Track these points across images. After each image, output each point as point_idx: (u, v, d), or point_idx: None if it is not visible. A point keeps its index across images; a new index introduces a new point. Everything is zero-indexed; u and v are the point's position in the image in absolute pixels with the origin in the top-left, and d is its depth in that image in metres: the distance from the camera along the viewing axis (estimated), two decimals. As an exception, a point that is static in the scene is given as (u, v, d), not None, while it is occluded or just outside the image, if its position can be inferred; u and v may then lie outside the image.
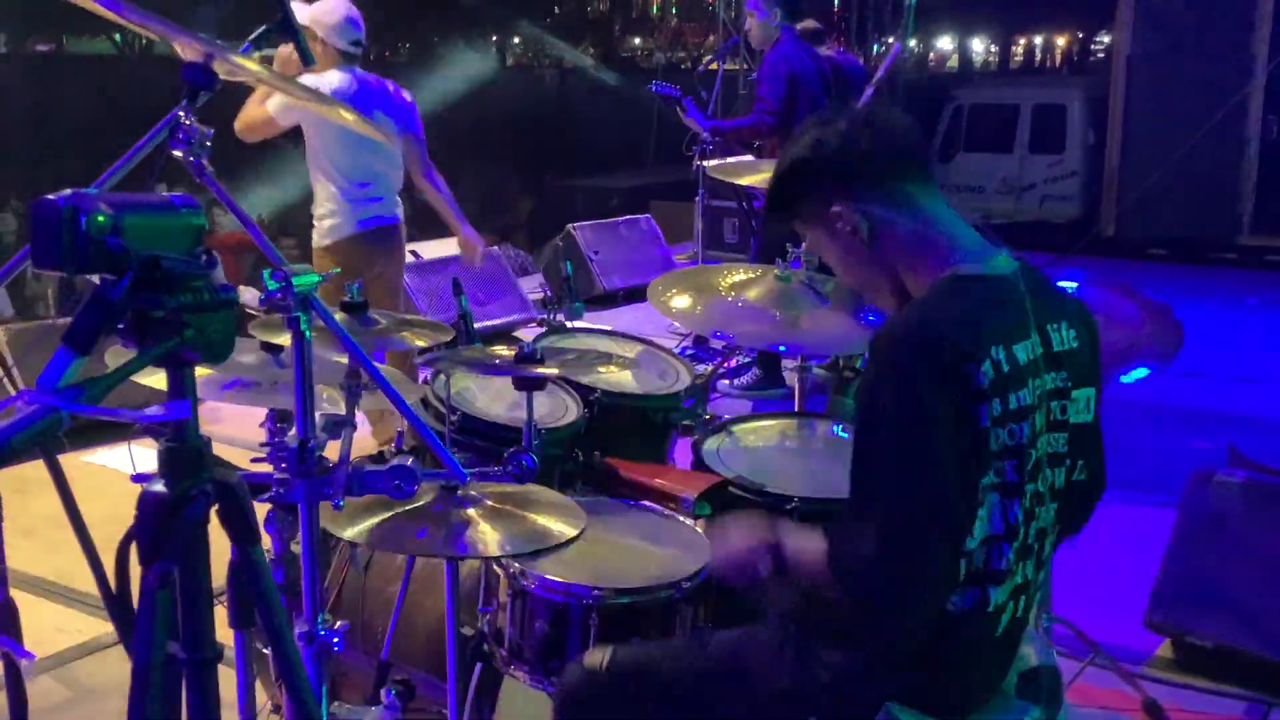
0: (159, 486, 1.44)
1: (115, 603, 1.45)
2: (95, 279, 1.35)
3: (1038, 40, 39.42)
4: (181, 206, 1.44)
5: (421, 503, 2.32)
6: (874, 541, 1.71)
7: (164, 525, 1.42)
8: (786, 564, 1.91)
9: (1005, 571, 1.83)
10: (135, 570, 1.44)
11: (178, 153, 2.11)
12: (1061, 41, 39.08)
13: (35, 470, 1.47)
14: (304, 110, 4.23)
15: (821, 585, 1.84)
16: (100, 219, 1.32)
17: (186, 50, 2.06)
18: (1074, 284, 3.39)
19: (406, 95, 4.78)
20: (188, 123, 2.06)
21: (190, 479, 1.44)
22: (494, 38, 32.90)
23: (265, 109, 4.32)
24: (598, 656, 2.11)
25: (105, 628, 3.68)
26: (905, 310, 1.87)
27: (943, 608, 1.80)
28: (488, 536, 2.26)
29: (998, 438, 1.77)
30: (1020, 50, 40.07)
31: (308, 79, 4.10)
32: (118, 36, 27.81)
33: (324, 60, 4.43)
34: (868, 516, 1.75)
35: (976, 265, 1.87)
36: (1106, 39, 24.02)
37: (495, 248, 8.86)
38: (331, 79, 4.44)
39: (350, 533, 2.23)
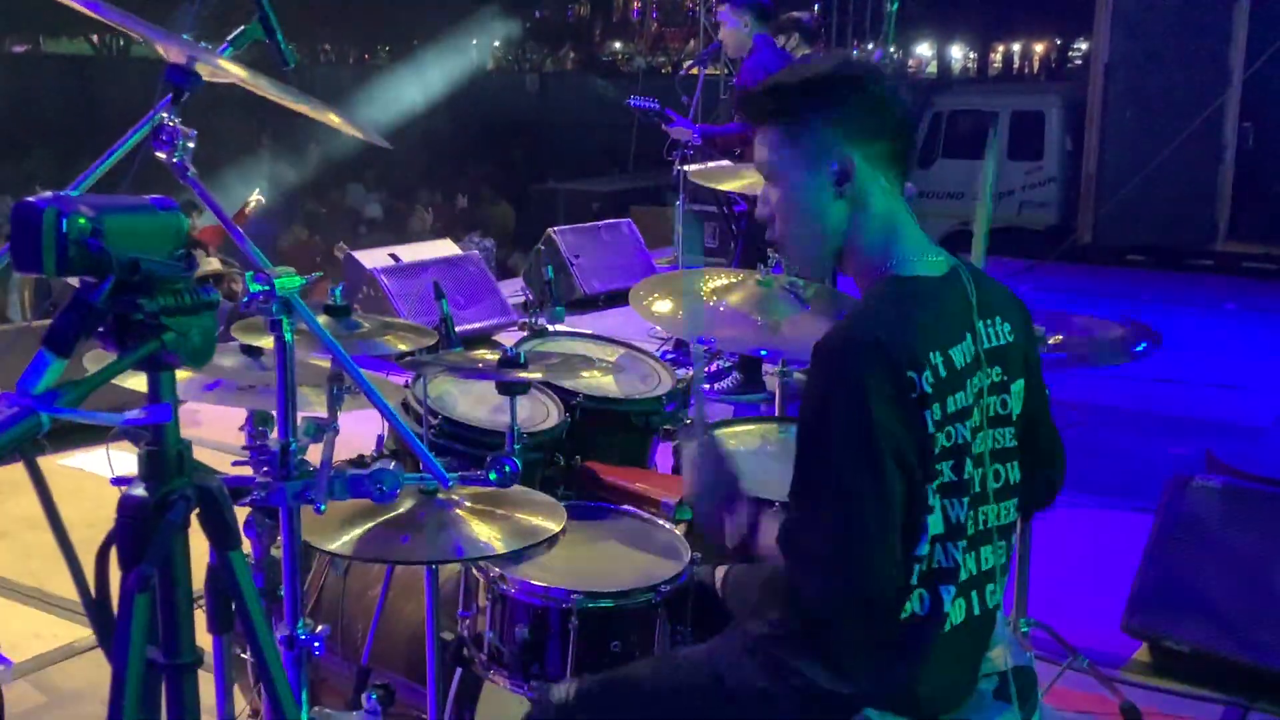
0: (139, 490, 1.43)
1: (95, 607, 1.44)
2: (75, 281, 1.35)
3: (1016, 47, 39.58)
4: (161, 209, 1.44)
5: (402, 509, 2.32)
6: (827, 547, 1.75)
7: (144, 529, 1.41)
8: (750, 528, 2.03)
9: (953, 570, 1.84)
10: (115, 574, 1.43)
11: (161, 154, 2.09)
12: (1040, 48, 39.26)
13: (11, 473, 1.46)
14: None
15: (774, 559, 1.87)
16: (81, 221, 1.31)
17: (169, 52, 2.05)
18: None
19: None
20: (171, 124, 2.05)
21: (170, 483, 1.43)
22: (474, 41, 32.84)
23: None
24: (563, 691, 2.09)
25: (82, 632, 3.66)
26: (847, 318, 1.88)
27: (898, 615, 1.81)
28: (471, 539, 2.26)
29: (938, 442, 1.80)
30: (999, 57, 40.23)
31: None
32: (95, 37, 27.66)
33: None
34: (819, 520, 1.78)
35: (912, 267, 1.89)
36: (1084, 46, 24.12)
37: (474, 250, 8.85)
38: None
39: (334, 545, 2.21)
